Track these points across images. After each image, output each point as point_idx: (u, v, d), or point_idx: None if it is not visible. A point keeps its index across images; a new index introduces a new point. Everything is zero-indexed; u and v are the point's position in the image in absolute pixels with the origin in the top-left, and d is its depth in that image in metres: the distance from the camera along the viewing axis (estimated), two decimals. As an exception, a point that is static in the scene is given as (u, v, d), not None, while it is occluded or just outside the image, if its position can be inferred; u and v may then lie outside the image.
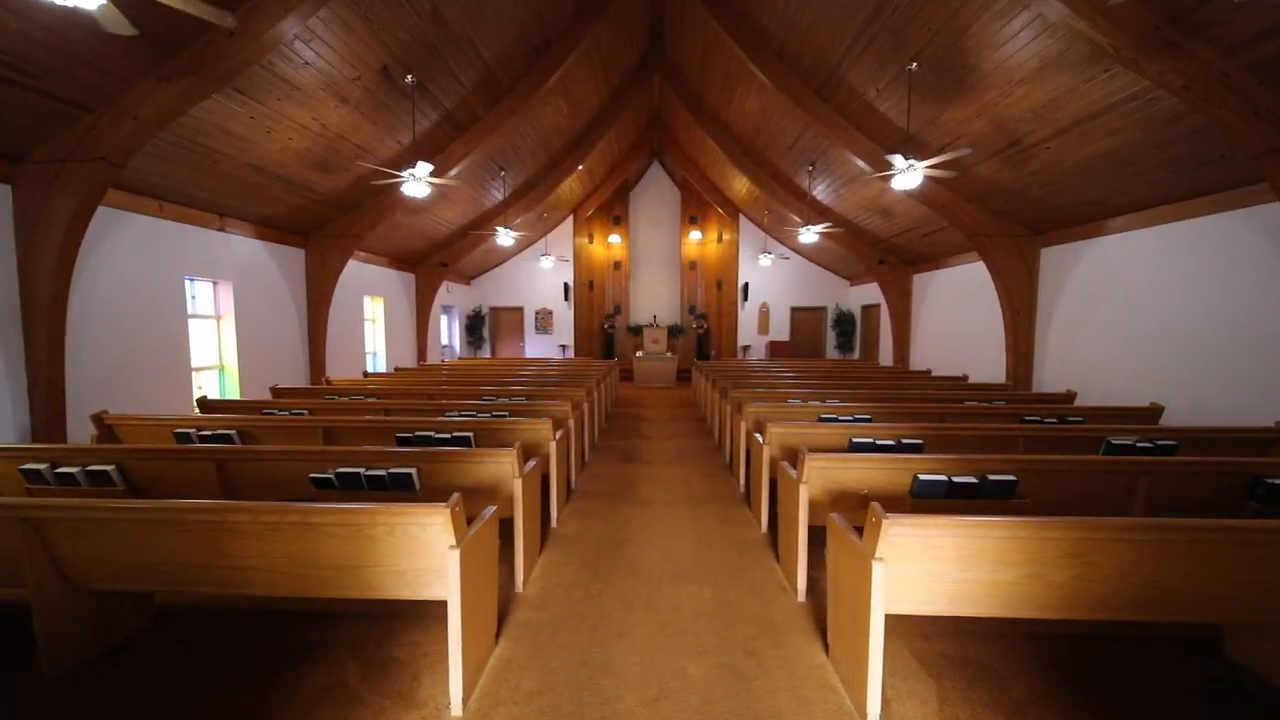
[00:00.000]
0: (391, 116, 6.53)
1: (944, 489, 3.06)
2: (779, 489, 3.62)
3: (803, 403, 5.76)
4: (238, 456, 3.47)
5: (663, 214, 16.43)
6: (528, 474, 3.41)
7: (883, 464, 3.20)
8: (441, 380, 8.02)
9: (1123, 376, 6.19)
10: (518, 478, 3.26)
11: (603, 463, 6.27)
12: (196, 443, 4.40)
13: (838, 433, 4.14)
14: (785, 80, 7.24)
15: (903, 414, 5.20)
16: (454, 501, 2.26)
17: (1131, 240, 6.15)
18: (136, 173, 5.32)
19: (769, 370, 9.51)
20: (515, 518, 3.24)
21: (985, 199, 7.20)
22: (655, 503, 4.90)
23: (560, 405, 5.28)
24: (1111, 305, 6.37)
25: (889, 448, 3.92)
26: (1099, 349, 6.57)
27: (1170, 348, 5.64)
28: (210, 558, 2.38)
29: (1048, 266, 7.42)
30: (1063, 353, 7.13)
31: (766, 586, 3.31)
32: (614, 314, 16.45)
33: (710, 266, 16.33)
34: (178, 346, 6.08)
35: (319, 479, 3.22)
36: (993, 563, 2.23)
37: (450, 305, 14.25)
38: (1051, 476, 3.25)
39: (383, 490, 3.27)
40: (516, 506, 3.24)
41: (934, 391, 6.64)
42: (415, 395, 6.54)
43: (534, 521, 3.58)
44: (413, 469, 3.22)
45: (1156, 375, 5.78)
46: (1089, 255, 6.71)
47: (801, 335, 15.78)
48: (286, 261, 7.85)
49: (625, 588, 3.30)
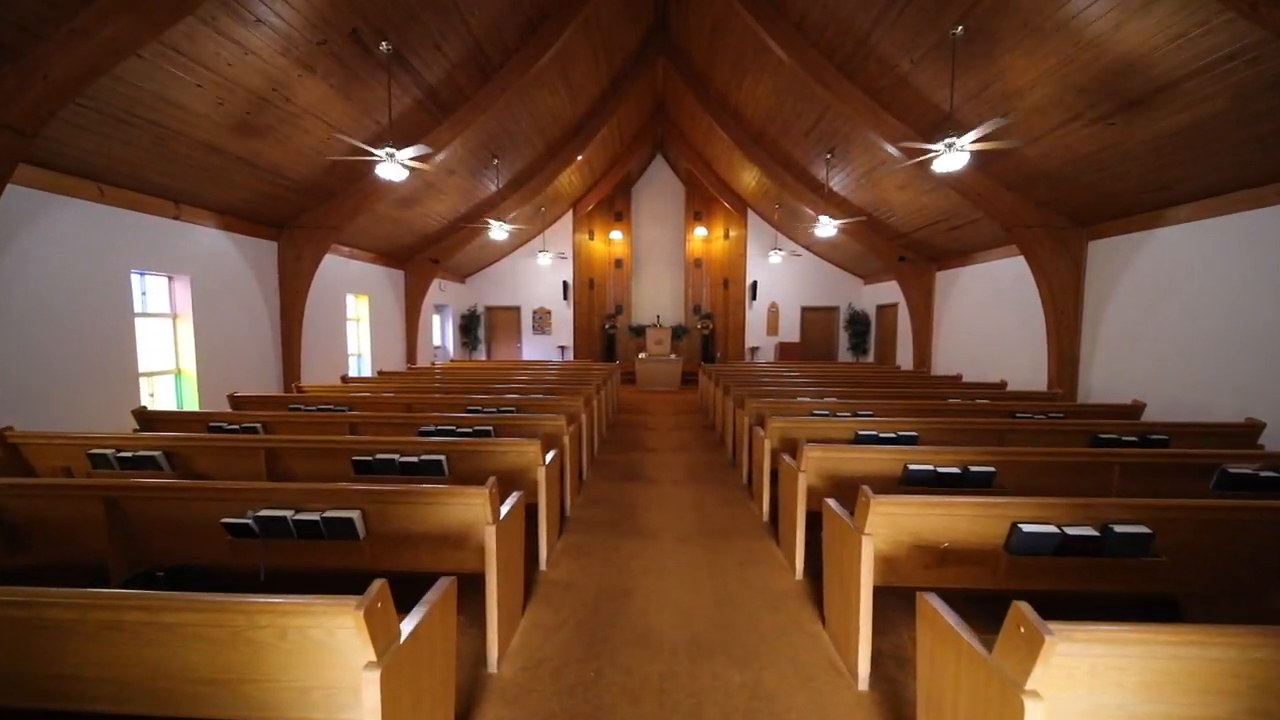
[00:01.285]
0: (366, 91, 5.71)
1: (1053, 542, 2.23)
2: (826, 532, 2.91)
3: (832, 414, 4.92)
4: (134, 494, 2.62)
5: (666, 209, 15.61)
6: (507, 517, 2.61)
7: (968, 512, 2.37)
8: (426, 386, 7.20)
9: (1194, 386, 5.35)
10: (491, 524, 2.46)
11: (603, 481, 5.47)
12: (115, 466, 3.56)
13: (888, 458, 3.33)
14: (804, 55, 6.41)
15: (949, 431, 4.36)
16: (374, 595, 1.45)
17: (1201, 231, 5.30)
18: (67, 149, 4.50)
19: (784, 375, 8.68)
20: (488, 576, 2.44)
21: (1028, 186, 6.38)
22: (664, 535, 4.09)
23: (553, 419, 4.49)
24: (1177, 305, 5.53)
25: (955, 480, 3.10)
26: (1159, 354, 5.71)
27: (1248, 354, 4.78)
28: (24, 665, 1.54)
29: (1096, 262, 6.56)
30: (1115, 358, 6.28)
31: (814, 668, 2.48)
32: (615, 314, 15.62)
33: (716, 264, 15.50)
34: (122, 349, 5.23)
35: (233, 524, 2.40)
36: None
37: (444, 305, 13.41)
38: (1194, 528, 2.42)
39: (316, 538, 2.44)
40: (490, 563, 2.46)
41: (980, 404, 5.76)
42: (394, 406, 5.71)
43: (514, 576, 2.78)
44: (356, 511, 2.41)
45: (1233, 385, 4.93)
46: (1148, 249, 5.86)
47: (812, 336, 14.94)
48: (256, 255, 7.05)
49: (630, 665, 2.49)
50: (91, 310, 5.02)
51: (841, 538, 2.64)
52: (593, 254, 15.50)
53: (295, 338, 7.52)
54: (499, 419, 4.59)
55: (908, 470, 3.24)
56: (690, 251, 15.43)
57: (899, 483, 3.32)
